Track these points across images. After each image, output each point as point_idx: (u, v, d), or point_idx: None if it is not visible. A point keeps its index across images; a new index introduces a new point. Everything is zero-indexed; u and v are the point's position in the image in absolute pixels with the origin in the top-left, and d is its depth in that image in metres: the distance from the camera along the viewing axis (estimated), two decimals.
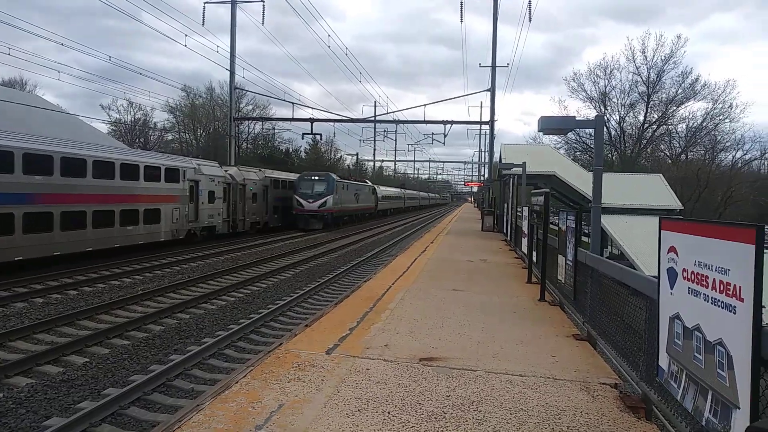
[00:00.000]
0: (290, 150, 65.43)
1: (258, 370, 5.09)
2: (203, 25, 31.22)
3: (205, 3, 28.89)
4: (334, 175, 36.36)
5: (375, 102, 60.47)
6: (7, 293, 11.90)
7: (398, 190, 72.94)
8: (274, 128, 48.59)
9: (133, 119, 59.68)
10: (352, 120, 35.72)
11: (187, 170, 22.30)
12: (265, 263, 18.79)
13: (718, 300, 2.96)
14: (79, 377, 7.37)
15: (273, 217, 32.53)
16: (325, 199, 33.46)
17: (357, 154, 65.55)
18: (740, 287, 2.76)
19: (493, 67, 31.85)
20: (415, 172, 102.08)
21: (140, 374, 7.57)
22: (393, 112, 64.38)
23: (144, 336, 9.49)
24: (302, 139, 42.83)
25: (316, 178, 34.37)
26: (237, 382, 4.71)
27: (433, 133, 39.29)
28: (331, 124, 35.78)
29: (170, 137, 62.99)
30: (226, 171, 26.39)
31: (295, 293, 13.48)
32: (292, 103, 31.67)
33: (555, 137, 45.76)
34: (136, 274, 15.28)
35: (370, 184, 52.66)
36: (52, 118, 28.11)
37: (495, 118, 32.32)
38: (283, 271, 17.23)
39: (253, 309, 11.93)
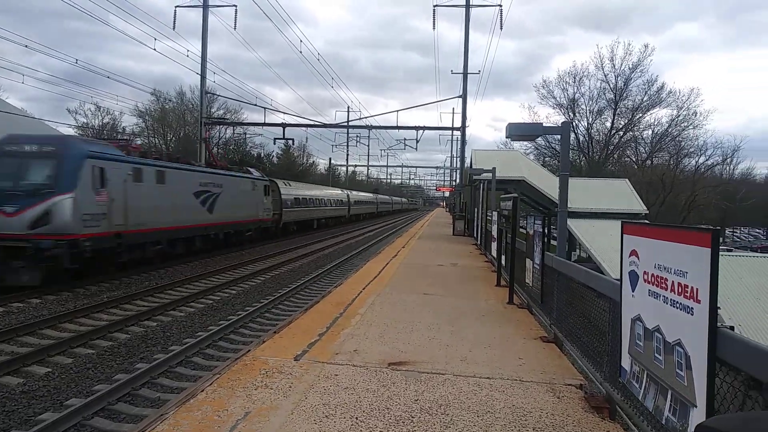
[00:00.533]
0: (261, 155, 64.86)
1: (225, 377, 5.02)
2: (174, 29, 30.44)
3: (176, 7, 28.52)
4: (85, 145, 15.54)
5: (348, 107, 60.68)
6: None
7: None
8: (245, 133, 48.14)
9: (101, 123, 58.40)
10: (324, 125, 35.60)
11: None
12: (235, 269, 18.56)
13: (677, 302, 3.04)
14: (41, 388, 7.16)
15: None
16: (49, 203, 13.43)
17: (330, 159, 65.39)
18: (697, 289, 2.84)
19: (465, 74, 32.19)
20: (388, 177, 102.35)
21: (105, 383, 7.39)
22: (365, 117, 64.36)
23: (109, 345, 9.27)
24: (274, 144, 42.39)
25: (34, 148, 14.18)
26: (203, 391, 4.63)
27: (405, 139, 39.50)
28: (304, 129, 35.56)
29: (139, 141, 61.82)
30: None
31: (266, 299, 13.35)
32: (264, 108, 31.44)
33: (525, 143, 46.40)
34: (103, 282, 14.92)
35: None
36: (17, 122, 27.39)
37: (467, 124, 32.65)
38: (254, 277, 17.05)
39: (222, 316, 11.77)
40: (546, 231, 8.55)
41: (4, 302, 11.80)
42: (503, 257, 11.78)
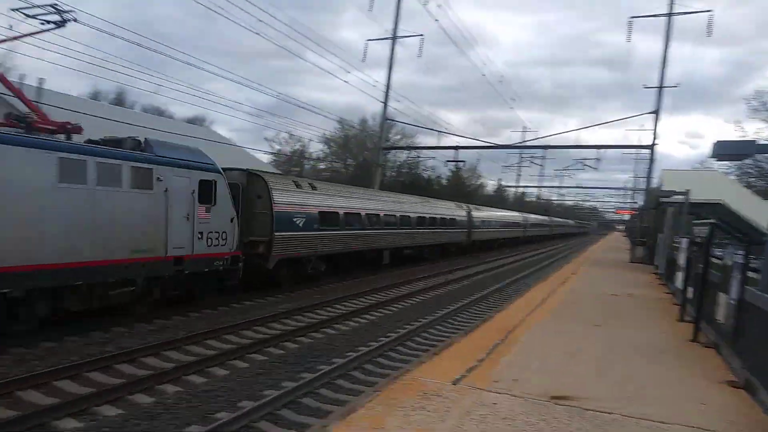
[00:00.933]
0: (431, 177, 66.29)
1: (384, 395, 5.00)
2: (363, 60, 32.67)
3: (368, 40, 30.76)
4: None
5: (524, 127, 59.50)
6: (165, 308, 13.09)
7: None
8: (418, 156, 49.61)
9: (291, 150, 64.41)
10: (498, 146, 35.16)
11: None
12: (401, 286, 18.93)
13: None
14: (219, 388, 7.82)
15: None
16: None
17: (499, 180, 64.45)
18: None
19: (660, 87, 29.50)
20: (561, 198, 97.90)
21: (273, 389, 7.86)
22: (541, 137, 62.43)
23: (280, 353, 9.90)
24: (445, 166, 42.94)
25: None
26: (363, 407, 4.66)
27: (584, 159, 37.20)
28: (476, 150, 35.50)
29: (322, 166, 66.99)
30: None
31: (424, 319, 13.34)
32: (438, 132, 32.14)
33: (726, 162, 41.18)
34: (279, 293, 16.15)
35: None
36: (226, 149, 31.66)
37: (656, 142, 29.84)
38: (416, 295, 17.21)
39: (382, 333, 11.98)
40: (747, 262, 7.36)
41: (195, 309, 13.22)
42: (689, 289, 10.40)
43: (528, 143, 39.59)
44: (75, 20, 12.19)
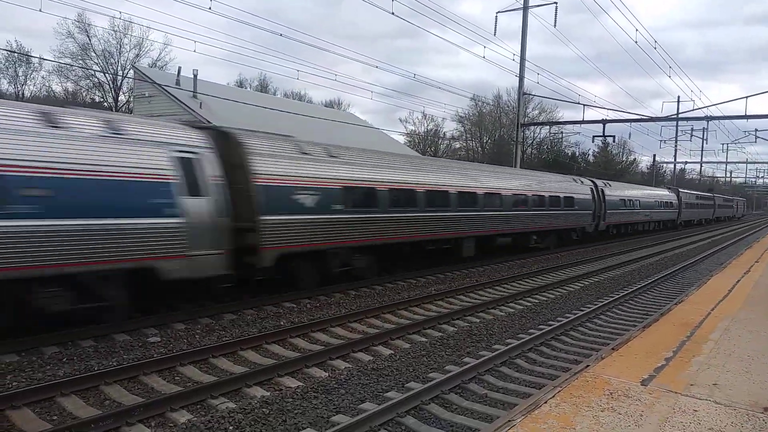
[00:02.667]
0: (576, 154, 62.77)
1: (566, 392, 4.74)
2: (495, 34, 31.56)
3: (497, 12, 29.58)
4: None
5: (678, 97, 53.60)
6: (326, 285, 13.79)
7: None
8: (561, 132, 47.26)
9: (426, 130, 64.83)
10: (651, 119, 32.16)
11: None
12: (551, 272, 18.17)
13: None
14: (386, 367, 8.02)
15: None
16: None
17: (654, 156, 59.26)
18: None
19: None
20: (727, 175, 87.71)
21: (438, 372, 7.90)
22: (700, 108, 56.16)
23: (439, 335, 9.94)
24: (592, 141, 40.10)
25: None
26: (546, 402, 4.44)
27: (756, 130, 32.85)
28: (627, 124, 32.83)
29: (457, 145, 66.59)
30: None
31: (586, 308, 12.61)
32: (583, 105, 30.08)
33: None
34: (429, 275, 16.28)
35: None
36: (363, 132, 32.40)
37: None
38: (571, 282, 16.38)
39: (541, 320, 11.54)
40: None
41: (356, 287, 13.76)
42: None
43: (687, 114, 35.72)
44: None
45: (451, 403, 6.87)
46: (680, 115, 34.84)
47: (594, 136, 33.01)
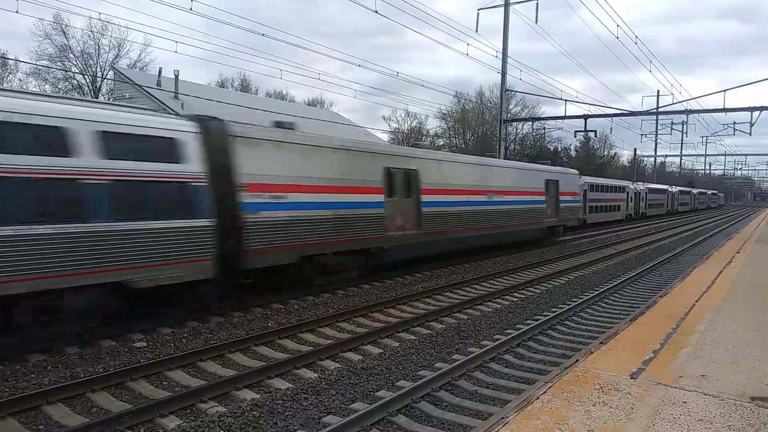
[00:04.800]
0: (558, 149, 63.29)
1: (557, 387, 4.76)
2: (477, 31, 31.55)
3: (479, 10, 29.60)
4: None
5: (658, 91, 54.32)
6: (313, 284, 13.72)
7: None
8: (543, 127, 47.56)
9: (409, 128, 64.91)
10: (632, 113, 32.50)
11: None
12: (537, 267, 18.29)
13: None
14: (376, 366, 8.00)
15: (589, 216, 35.05)
16: None
17: (635, 150, 59.93)
18: None
19: None
20: (706, 167, 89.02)
21: (428, 370, 7.90)
22: (680, 101, 56.85)
23: (427, 333, 9.94)
24: (574, 137, 40.49)
25: None
26: (538, 398, 4.45)
27: (735, 123, 33.33)
28: (609, 119, 33.10)
29: (441, 143, 66.69)
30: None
31: (572, 301, 12.72)
32: (565, 101, 30.31)
33: None
34: (416, 272, 16.29)
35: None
36: (348, 130, 32.33)
37: None
38: (557, 276, 16.50)
39: (527, 315, 11.61)
40: None
41: (346, 286, 13.70)
42: None
43: (667, 108, 36.13)
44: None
45: (441, 401, 6.88)
46: (660, 109, 35.20)
47: (576, 131, 33.24)
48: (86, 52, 42.91)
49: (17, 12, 19.33)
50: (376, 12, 21.12)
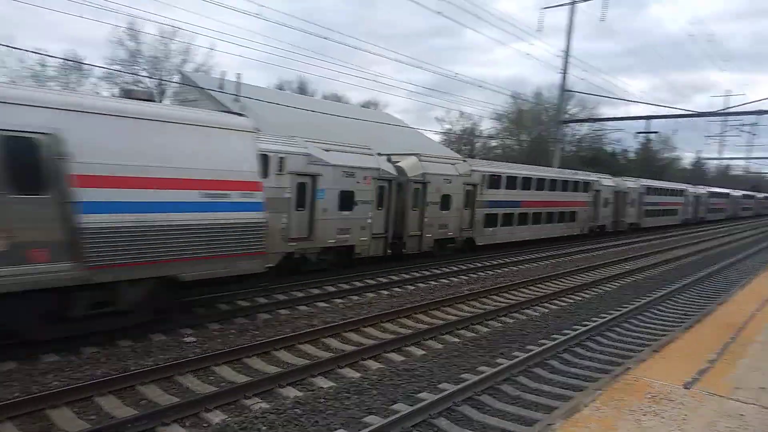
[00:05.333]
0: (616, 151, 61.40)
1: (606, 395, 4.60)
2: (539, 30, 31.00)
3: (542, 9, 29.17)
4: None
5: (727, 91, 52.12)
6: (358, 284, 13.76)
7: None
8: (602, 129, 46.11)
9: (462, 129, 64.23)
10: (698, 114, 31.18)
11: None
12: (588, 271, 17.79)
13: None
14: (418, 368, 7.95)
15: (644, 219, 35.01)
16: None
17: (698, 152, 57.28)
18: None
19: None
20: None
21: (470, 373, 7.80)
22: (751, 102, 54.21)
23: (471, 336, 9.82)
24: (635, 138, 38.97)
25: None
26: (586, 406, 4.32)
27: None
28: (673, 120, 31.88)
29: (494, 143, 65.80)
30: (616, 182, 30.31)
31: (623, 307, 12.30)
32: (628, 101, 29.48)
33: None
34: (461, 274, 16.12)
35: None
36: (399, 131, 32.49)
37: None
38: (609, 281, 16.01)
39: (575, 320, 11.30)
40: None
41: (388, 287, 13.71)
42: None
43: (735, 109, 34.47)
44: None
45: (484, 405, 6.78)
46: (729, 110, 33.66)
47: (637, 132, 32.20)
48: (155, 56, 44.48)
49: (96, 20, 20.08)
50: (439, 13, 21.03)
